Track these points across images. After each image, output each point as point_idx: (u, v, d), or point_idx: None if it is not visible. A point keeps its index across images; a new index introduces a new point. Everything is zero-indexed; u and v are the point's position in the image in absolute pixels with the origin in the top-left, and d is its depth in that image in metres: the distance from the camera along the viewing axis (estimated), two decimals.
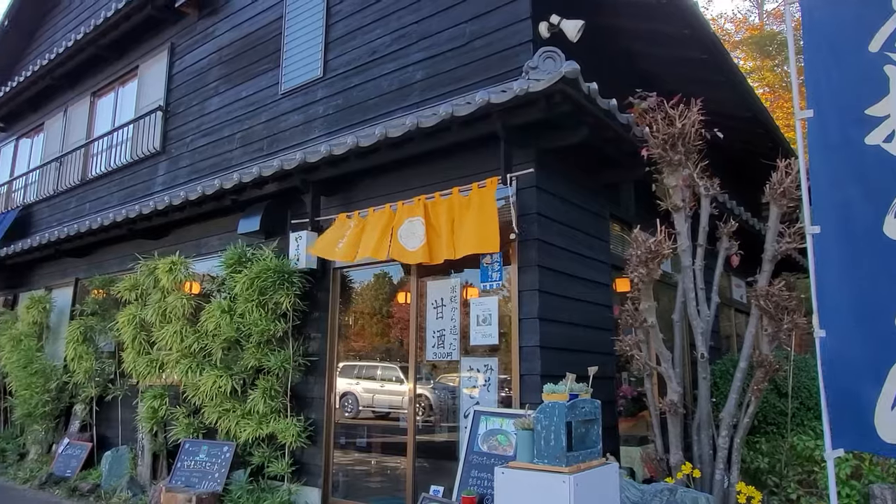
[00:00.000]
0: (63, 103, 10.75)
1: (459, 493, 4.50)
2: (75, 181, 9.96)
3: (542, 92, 4.27)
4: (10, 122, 12.21)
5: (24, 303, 9.50)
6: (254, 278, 5.80)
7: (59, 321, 9.13)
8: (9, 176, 12.11)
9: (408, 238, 5.05)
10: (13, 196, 11.83)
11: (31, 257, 9.68)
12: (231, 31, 7.88)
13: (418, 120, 4.83)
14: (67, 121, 10.61)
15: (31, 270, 10.36)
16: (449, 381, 5.60)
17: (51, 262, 9.83)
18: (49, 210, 10.58)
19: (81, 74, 10.20)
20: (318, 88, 6.63)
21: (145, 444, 6.81)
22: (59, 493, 7.00)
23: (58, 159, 10.52)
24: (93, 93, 10.09)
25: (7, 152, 12.41)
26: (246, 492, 5.67)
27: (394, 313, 6.03)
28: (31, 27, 12.28)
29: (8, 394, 9.17)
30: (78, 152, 10.09)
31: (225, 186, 6.28)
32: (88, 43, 9.32)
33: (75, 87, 10.47)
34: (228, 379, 5.94)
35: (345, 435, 6.00)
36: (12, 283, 10.78)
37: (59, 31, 11.56)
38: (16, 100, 11.29)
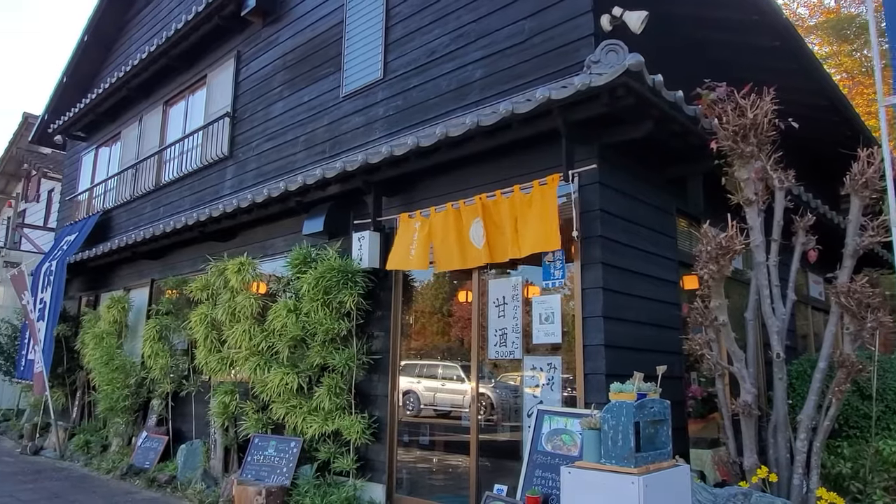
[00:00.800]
0: (138, 113, 11.28)
1: (524, 492, 4.47)
2: (150, 187, 10.43)
3: (604, 86, 4.18)
4: (90, 132, 12.89)
5: (105, 303, 10.00)
6: (318, 278, 5.92)
7: (137, 320, 9.58)
8: (89, 183, 12.78)
9: (477, 240, 5.07)
10: (93, 202, 12.48)
11: (110, 260, 10.19)
12: (294, 37, 8.07)
13: (478, 118, 4.82)
14: (142, 129, 11.12)
15: (111, 272, 10.91)
16: (510, 380, 5.58)
17: (128, 265, 10.33)
18: (126, 215, 11.12)
19: (154, 84, 10.67)
20: (379, 90, 6.72)
21: (217, 439, 7.06)
22: (139, 484, 7.34)
23: (133, 166, 11.04)
24: (165, 101, 10.55)
25: (88, 161, 13.10)
26: (313, 486, 5.80)
27: (454, 312, 6.05)
28: (109, 39, 12.94)
29: (92, 388, 9.69)
30: (152, 159, 10.56)
31: (289, 188, 6.44)
32: (161, 54, 9.74)
33: (149, 97, 10.96)
34: (295, 376, 6.08)
35: (407, 433, 6.06)
36: (94, 285, 11.39)
37: (133, 43, 12.14)
38: (95, 111, 11.91)
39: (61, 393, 10.57)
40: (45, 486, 7.19)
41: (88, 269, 10.96)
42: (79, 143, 13.52)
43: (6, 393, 13.23)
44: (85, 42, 12.76)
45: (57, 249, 11.41)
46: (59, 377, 10.44)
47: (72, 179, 13.84)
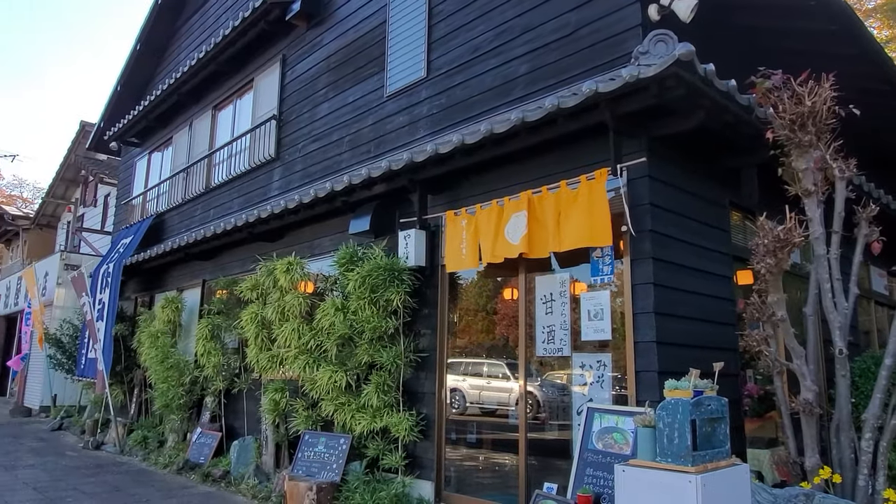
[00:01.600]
0: (188, 118, 11.59)
1: (575, 490, 4.41)
2: (200, 189, 10.71)
3: (653, 77, 4.09)
4: (143, 137, 13.32)
5: (159, 303, 10.31)
6: (365, 276, 5.97)
7: (190, 319, 9.85)
8: (143, 187, 13.21)
9: (513, 233, 5.02)
10: (147, 206, 12.89)
11: (164, 261, 10.50)
12: (337, 38, 8.17)
13: (523, 114, 4.78)
14: (192, 134, 11.43)
15: (164, 273, 11.24)
16: (556, 378, 5.52)
17: (181, 266, 10.62)
18: (178, 217, 11.44)
19: (204, 90, 10.94)
20: (422, 89, 6.73)
21: (269, 435, 7.19)
22: (195, 478, 7.54)
23: (184, 170, 11.35)
24: (214, 106, 10.81)
25: (141, 166, 13.54)
26: (362, 483, 5.85)
27: (500, 309, 6.02)
28: (160, 48, 13.34)
29: (148, 386, 10.00)
30: (202, 163, 10.84)
31: (335, 188, 6.51)
32: (209, 60, 9.98)
33: (199, 102, 11.25)
34: (343, 374, 6.15)
35: (454, 430, 6.05)
36: (149, 286, 11.77)
37: (183, 51, 12.48)
38: (148, 117, 12.30)
39: (120, 390, 10.95)
40: (106, 480, 7.46)
41: (143, 270, 11.32)
42: (133, 148, 13.99)
43: (68, 390, 13.77)
44: (138, 51, 13.19)
45: (113, 252, 11.82)
46: (118, 375, 10.82)
47: (126, 184, 14.32)
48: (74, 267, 14.10)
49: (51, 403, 14.06)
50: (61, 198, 21.95)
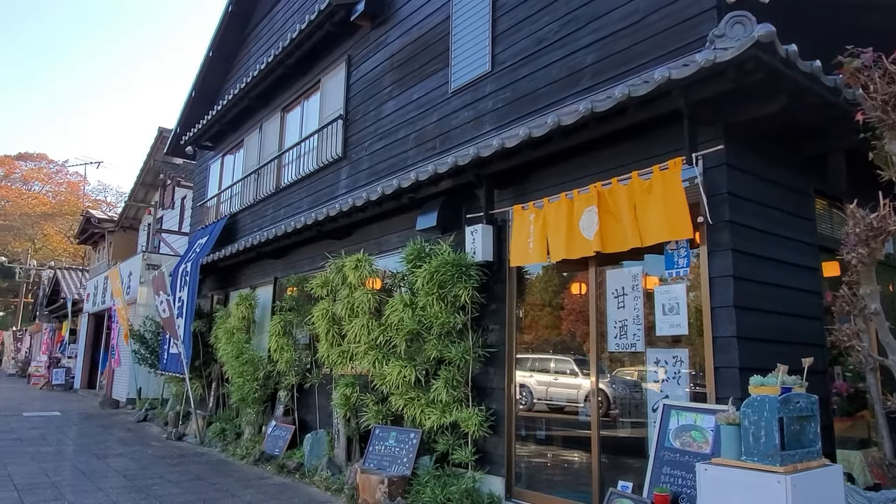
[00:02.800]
0: (258, 120, 11.95)
1: (651, 489, 4.30)
2: (270, 190, 11.03)
3: (731, 61, 3.92)
4: (216, 141, 13.83)
5: (234, 300, 10.69)
6: (433, 272, 6.00)
7: (263, 316, 10.16)
8: (217, 189, 13.72)
9: (587, 229, 4.93)
10: (221, 207, 13.38)
11: (237, 260, 10.87)
12: (401, 37, 8.23)
13: (592, 104, 4.67)
14: (262, 136, 11.78)
15: (238, 272, 11.65)
16: (626, 375, 5.39)
17: (253, 264, 10.97)
18: (250, 217, 11.82)
19: (272, 93, 11.26)
20: (487, 83, 6.70)
21: (340, 429, 7.34)
22: (270, 470, 7.79)
23: (255, 171, 11.71)
24: (282, 108, 11.10)
25: (214, 168, 14.06)
26: (433, 477, 5.89)
27: (566, 304, 5.93)
28: (230, 54, 13.82)
29: (225, 380, 10.40)
30: (272, 164, 11.16)
31: (402, 185, 6.56)
32: (277, 63, 10.25)
33: (268, 105, 11.59)
34: (412, 369, 6.20)
35: (523, 427, 6.00)
36: (224, 284, 12.21)
37: (252, 56, 12.88)
38: (220, 121, 12.75)
39: (199, 384, 11.41)
40: (188, 469, 7.79)
41: (218, 269, 11.75)
42: (206, 152, 14.55)
43: (152, 383, 14.48)
44: (210, 58, 13.69)
45: (191, 252, 12.33)
46: (197, 370, 11.29)
47: (201, 186, 14.92)
48: (155, 266, 14.81)
49: (136, 396, 14.84)
50: (142, 201, 23.08)
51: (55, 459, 8.30)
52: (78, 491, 6.44)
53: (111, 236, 24.72)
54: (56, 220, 53.33)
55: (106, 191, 60.12)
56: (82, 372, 21.74)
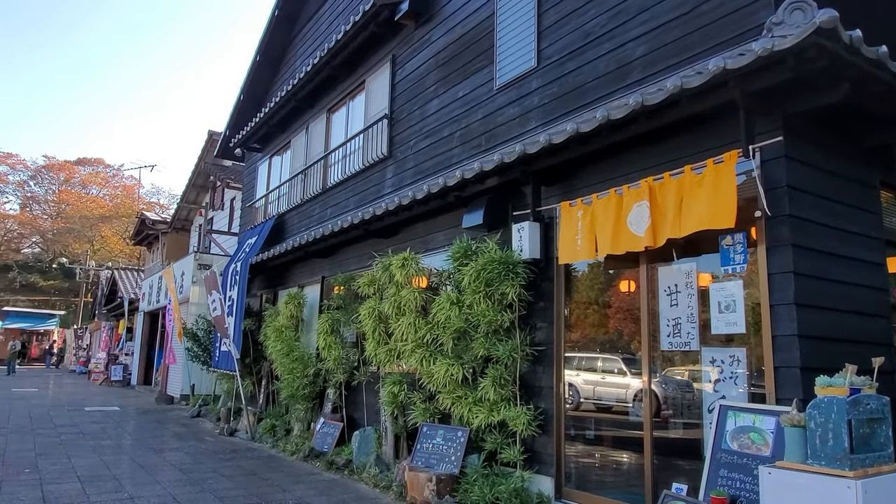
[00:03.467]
0: (305, 122, 12.13)
1: (707, 492, 4.18)
2: (317, 190, 11.18)
3: (790, 49, 3.77)
4: (264, 143, 14.10)
5: (282, 299, 10.88)
6: (479, 270, 5.97)
7: (311, 314, 10.31)
8: (265, 190, 13.99)
9: (637, 224, 4.82)
10: (269, 207, 13.64)
11: (285, 259, 11.06)
12: (446, 35, 8.22)
13: (642, 97, 4.56)
14: (309, 137, 11.95)
15: (286, 271, 11.85)
16: (678, 374, 5.26)
17: (301, 263, 11.14)
18: (297, 217, 12.01)
19: (318, 94, 11.41)
20: (533, 79, 6.63)
21: (388, 426, 7.38)
22: (320, 466, 7.89)
23: (302, 172, 11.89)
24: (328, 109, 11.23)
25: (263, 170, 14.34)
26: (481, 476, 5.86)
27: (614, 302, 5.82)
28: (277, 57, 14.07)
29: (275, 377, 10.59)
30: (318, 164, 11.31)
31: (448, 184, 6.55)
32: (323, 65, 10.38)
33: (314, 106, 11.75)
34: (459, 367, 6.18)
35: (571, 426, 5.92)
36: (273, 283, 12.44)
37: (298, 58, 13.08)
38: (268, 123, 13.00)
39: (249, 381, 11.66)
40: (241, 465, 7.96)
41: (267, 268, 11.98)
42: (255, 154, 14.85)
43: (204, 380, 14.87)
44: (257, 62, 13.97)
45: (240, 251, 12.61)
46: (247, 367, 11.53)
47: (250, 187, 15.23)
48: (206, 266, 15.20)
49: (189, 392, 15.26)
50: (193, 202, 23.74)
51: (115, 452, 8.60)
52: (137, 483, 6.65)
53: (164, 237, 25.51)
54: (113, 223, 55.37)
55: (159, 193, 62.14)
56: (139, 368, 22.49)
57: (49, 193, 60.93)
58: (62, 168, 61.61)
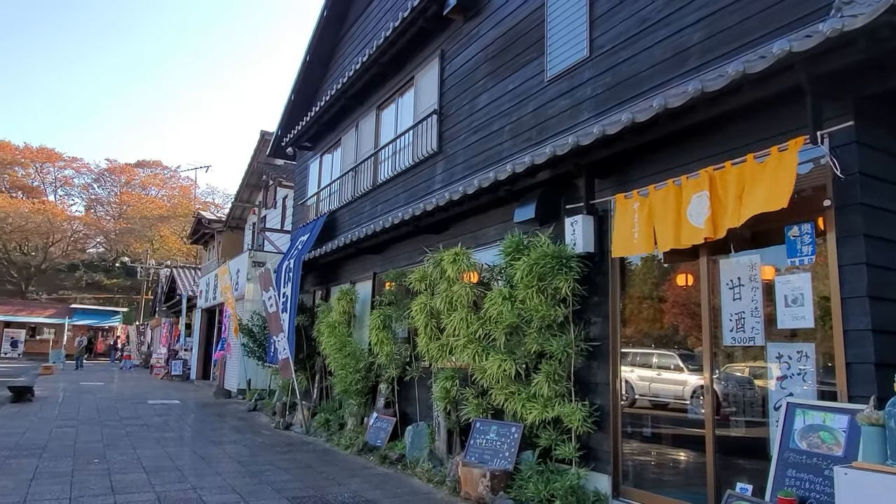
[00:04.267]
0: (354, 119, 12.25)
1: (774, 493, 4.03)
2: (367, 187, 11.27)
3: (861, 29, 3.57)
4: (314, 141, 14.32)
5: (335, 295, 11.03)
6: (532, 265, 5.91)
7: (363, 310, 10.42)
8: (316, 188, 14.20)
9: (696, 216, 4.67)
10: (320, 205, 13.84)
11: (337, 256, 11.20)
12: (494, 28, 8.15)
13: (702, 84, 4.41)
14: (359, 134, 12.06)
15: (338, 267, 12.00)
16: (740, 370, 5.09)
17: (353, 260, 11.27)
18: (348, 214, 12.14)
19: (367, 92, 11.50)
20: (585, 69, 6.50)
21: (440, 422, 7.39)
22: (373, 460, 7.97)
23: (353, 169, 12.02)
24: (377, 106, 11.31)
25: (314, 168, 14.56)
26: (535, 472, 5.81)
27: (670, 297, 5.66)
28: (326, 57, 14.25)
29: (328, 373, 10.75)
30: (368, 161, 11.41)
31: (499, 178, 6.50)
32: (372, 62, 10.45)
33: (363, 104, 11.85)
34: (512, 363, 6.14)
35: (628, 423, 5.80)
36: (325, 279, 12.63)
37: (347, 57, 13.21)
38: (318, 122, 13.18)
39: (303, 376, 11.88)
40: (296, 458, 8.11)
41: (320, 265, 12.16)
42: (306, 152, 15.09)
43: (260, 375, 15.23)
44: (307, 62, 14.18)
45: (293, 249, 12.84)
46: (301, 362, 11.75)
47: (302, 186, 15.49)
48: (260, 264, 15.55)
49: (246, 387, 15.65)
50: (246, 202, 24.32)
51: (176, 444, 8.88)
52: (198, 474, 6.85)
53: (220, 236, 26.24)
54: (171, 222, 57.34)
55: (214, 193, 64.06)
56: (197, 363, 23.24)
57: (111, 195, 63.57)
58: (123, 170, 64.15)
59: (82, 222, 60.07)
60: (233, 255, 20.11)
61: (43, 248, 57.25)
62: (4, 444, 8.38)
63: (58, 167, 63.53)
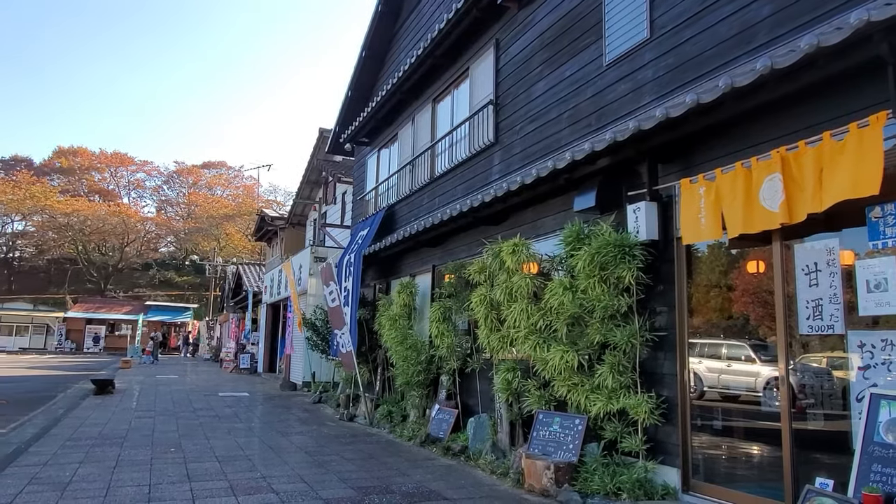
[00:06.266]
0: (410, 113, 12.30)
1: (858, 489, 3.83)
2: (425, 180, 11.31)
3: None
4: (372, 137, 14.47)
5: (395, 288, 11.14)
6: (593, 254, 5.79)
7: (423, 303, 10.48)
8: (374, 183, 14.36)
9: (770, 199, 4.46)
10: (378, 199, 13.99)
11: (396, 249, 11.30)
12: (550, 14, 8.01)
13: (772, 61, 4.19)
14: (415, 128, 12.11)
15: (397, 261, 12.11)
16: (815, 361, 4.84)
17: (412, 253, 11.35)
18: (407, 208, 12.23)
19: (423, 85, 11.52)
20: (645, 51, 6.31)
21: (502, 413, 7.36)
22: (436, 451, 8.01)
23: (410, 163, 12.08)
24: (433, 99, 11.32)
25: (371, 163, 14.73)
26: (601, 465, 5.71)
27: (739, 284, 5.44)
28: (381, 52, 14.36)
29: (390, 365, 10.88)
30: (425, 154, 11.44)
31: (558, 167, 6.39)
32: (427, 55, 10.46)
33: (419, 98, 11.88)
34: (574, 354, 6.04)
35: (697, 416, 5.62)
36: (385, 273, 12.77)
37: (402, 51, 13.27)
38: (375, 117, 13.32)
39: (366, 368, 12.06)
40: (361, 449, 8.24)
41: (379, 259, 12.30)
42: (363, 148, 15.28)
43: (324, 368, 15.57)
44: (363, 58, 14.33)
45: (353, 243, 13.03)
46: (363, 355, 11.92)
47: (360, 181, 15.70)
48: (322, 259, 15.85)
49: (310, 379, 16.04)
50: (307, 198, 24.86)
51: (246, 435, 9.18)
52: (268, 464, 7.05)
53: (282, 233, 26.92)
54: (236, 221, 59.30)
55: (276, 191, 65.85)
56: (264, 357, 23.95)
57: (180, 196, 66.30)
58: (190, 172, 66.71)
59: (154, 223, 62.88)
60: (295, 252, 20.58)
61: (119, 248, 60.28)
62: (89, 433, 8.86)
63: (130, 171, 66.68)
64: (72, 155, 63.20)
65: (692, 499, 5.28)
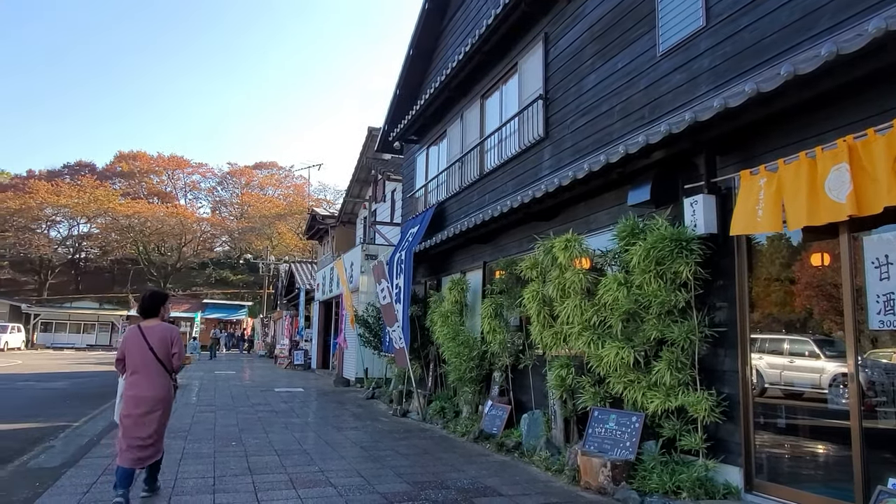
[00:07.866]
0: (459, 110, 12.32)
1: None
2: (474, 176, 11.32)
3: None
4: (420, 134, 14.55)
5: (446, 285, 11.18)
6: (649, 249, 5.69)
7: (474, 300, 10.49)
8: (424, 180, 14.44)
9: (836, 190, 4.29)
10: (428, 197, 14.07)
11: (447, 246, 11.35)
12: (601, 4, 7.89)
13: (837, 46, 4.04)
14: (463, 125, 12.12)
15: (448, 258, 12.16)
16: (881, 357, 4.64)
17: (462, 250, 11.37)
18: (456, 205, 12.25)
19: (471, 81, 11.52)
20: (701, 40, 6.15)
21: (556, 410, 7.32)
22: (490, 448, 8.03)
23: (459, 160, 12.11)
24: (481, 95, 11.31)
25: (420, 161, 14.81)
26: (659, 463, 5.62)
27: (801, 278, 5.25)
28: (429, 50, 14.43)
29: (441, 361, 10.94)
30: (474, 151, 11.44)
31: (611, 160, 6.30)
32: (475, 52, 10.45)
33: (467, 94, 11.89)
34: (630, 350, 5.95)
35: (760, 414, 5.47)
36: (435, 270, 12.84)
37: (449, 48, 13.30)
38: (423, 115, 13.38)
39: (418, 365, 12.16)
40: (415, 444, 8.33)
41: (430, 256, 12.38)
42: (412, 145, 15.38)
43: (376, 364, 15.76)
44: (411, 56, 14.42)
45: (404, 241, 13.13)
46: (415, 351, 12.02)
47: (409, 179, 15.81)
48: (373, 257, 16.05)
49: (363, 376, 16.26)
50: (357, 196, 25.18)
51: (302, 429, 9.39)
52: (324, 458, 7.20)
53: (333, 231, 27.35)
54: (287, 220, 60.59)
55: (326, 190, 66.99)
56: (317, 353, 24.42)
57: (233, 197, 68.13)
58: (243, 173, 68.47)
59: (209, 223, 64.82)
60: (346, 249, 20.88)
61: (177, 248, 62.42)
62: None
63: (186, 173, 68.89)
64: (131, 159, 65.76)
65: (755, 498, 5.14)
